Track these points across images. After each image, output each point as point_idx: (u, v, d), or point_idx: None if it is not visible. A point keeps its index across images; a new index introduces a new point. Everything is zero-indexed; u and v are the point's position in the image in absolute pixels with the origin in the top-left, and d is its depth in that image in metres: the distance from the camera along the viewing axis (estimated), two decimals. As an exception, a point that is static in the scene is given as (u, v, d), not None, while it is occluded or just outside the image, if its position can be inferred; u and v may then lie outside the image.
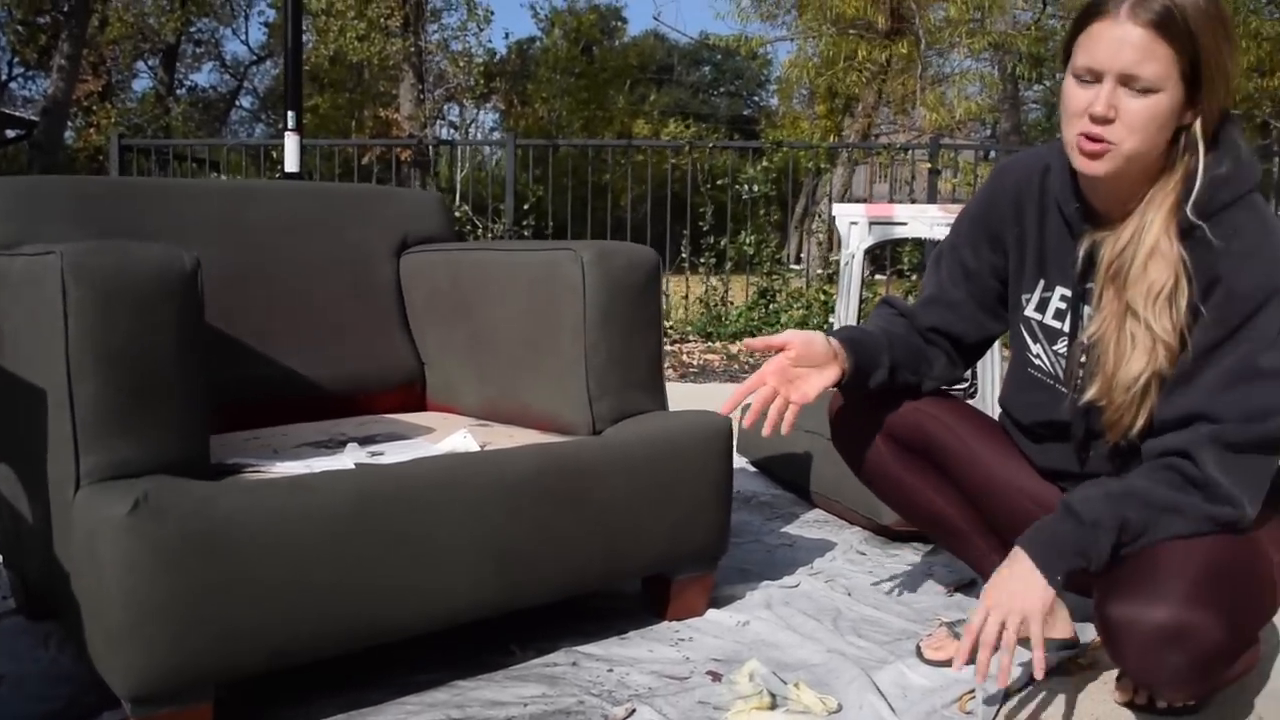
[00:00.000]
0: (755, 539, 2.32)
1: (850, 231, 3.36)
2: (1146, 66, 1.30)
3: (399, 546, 1.43)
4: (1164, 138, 1.36)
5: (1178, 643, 1.26)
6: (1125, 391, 1.41)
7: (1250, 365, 1.34)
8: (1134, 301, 1.39)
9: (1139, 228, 1.39)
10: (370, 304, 2.19)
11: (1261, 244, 1.36)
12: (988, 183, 1.65)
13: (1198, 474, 1.35)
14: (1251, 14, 16.13)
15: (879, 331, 1.62)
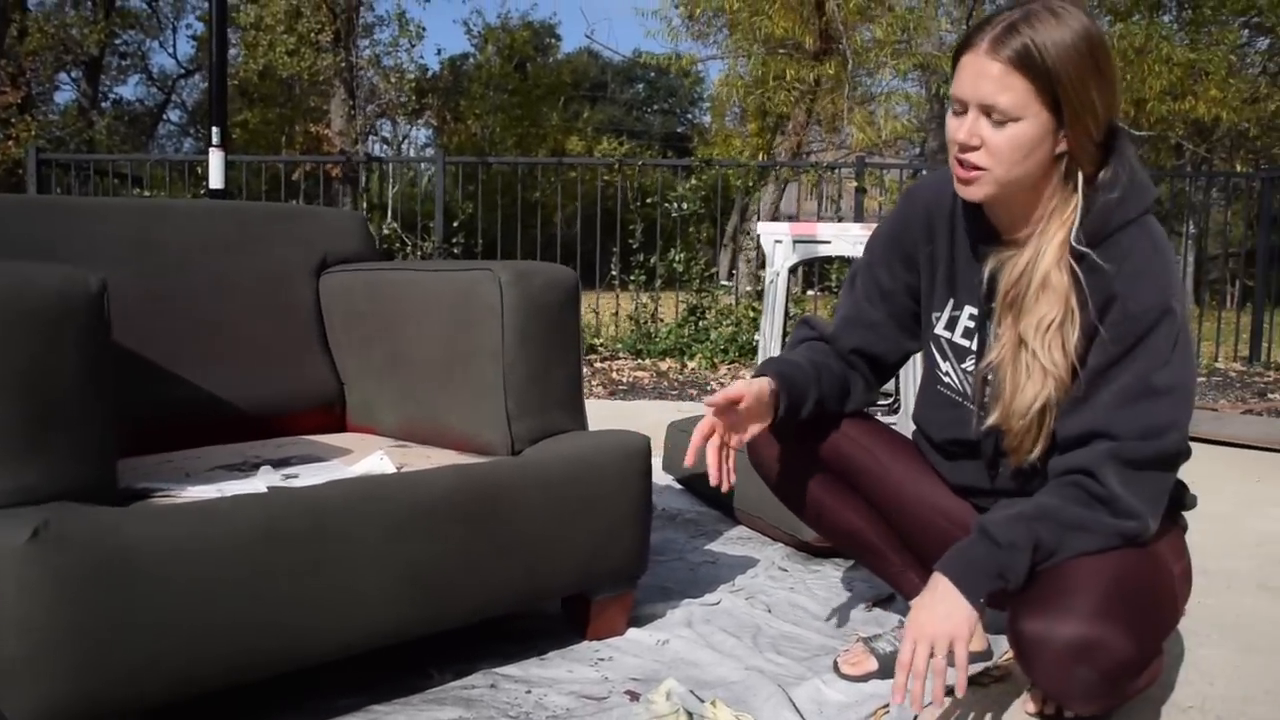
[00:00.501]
0: (678, 556, 2.34)
1: (775, 250, 3.40)
2: (1003, 97, 1.36)
3: (312, 571, 1.42)
4: (1036, 163, 1.40)
5: (1086, 657, 1.29)
6: (1020, 419, 1.46)
7: (1145, 383, 1.39)
8: (1026, 333, 1.44)
9: (1033, 256, 1.44)
10: (289, 324, 2.16)
11: (1152, 265, 1.41)
12: (900, 203, 1.69)
13: (1102, 491, 1.39)
14: (1163, 40, 16.65)
15: (808, 364, 1.63)
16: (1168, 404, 1.40)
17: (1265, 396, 5.78)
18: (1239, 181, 10.45)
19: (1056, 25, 1.35)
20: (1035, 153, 1.39)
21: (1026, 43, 1.34)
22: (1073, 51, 1.35)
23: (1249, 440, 4.22)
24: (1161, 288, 1.40)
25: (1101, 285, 1.41)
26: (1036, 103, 1.36)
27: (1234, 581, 2.36)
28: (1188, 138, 18.69)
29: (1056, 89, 1.35)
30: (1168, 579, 1.48)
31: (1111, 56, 1.40)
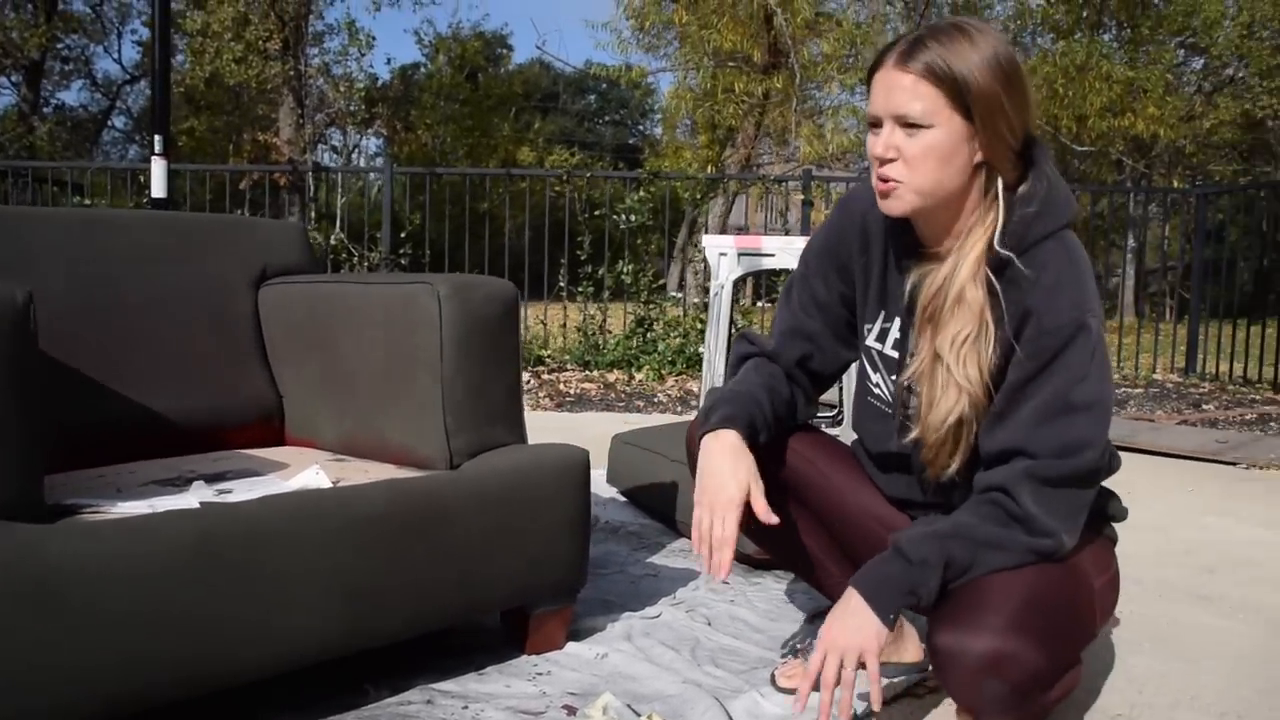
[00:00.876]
0: (620, 570, 2.34)
1: (720, 262, 3.42)
2: (914, 105, 1.39)
3: (244, 588, 1.40)
4: (954, 172, 1.42)
5: (996, 670, 1.31)
6: (936, 431, 1.48)
7: (1062, 400, 1.41)
8: (941, 348, 1.46)
9: (951, 270, 1.46)
10: (227, 337, 2.14)
11: (1068, 279, 1.42)
12: (835, 213, 1.70)
13: (1017, 509, 1.41)
14: (1104, 58, 17.01)
15: (764, 395, 1.63)
16: (1085, 421, 1.42)
17: (1199, 407, 5.91)
18: (1176, 197, 10.68)
19: (963, 39, 1.39)
20: (952, 160, 1.41)
21: (933, 52, 1.38)
22: (980, 60, 1.38)
23: (1183, 451, 4.32)
24: (1077, 303, 1.42)
25: (1017, 299, 1.43)
26: (948, 109, 1.38)
27: (1166, 591, 2.40)
28: (1127, 153, 19.09)
29: (967, 95, 1.38)
30: (1086, 592, 1.50)
31: (1022, 70, 1.42)
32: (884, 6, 17.45)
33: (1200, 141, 20.12)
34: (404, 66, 28.14)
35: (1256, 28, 18.27)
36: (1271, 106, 18.18)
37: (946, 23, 1.43)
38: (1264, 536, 2.96)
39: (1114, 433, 4.75)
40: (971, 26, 1.42)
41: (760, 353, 1.70)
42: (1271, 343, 6.89)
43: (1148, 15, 19.71)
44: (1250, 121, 19.62)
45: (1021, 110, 1.42)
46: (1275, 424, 5.22)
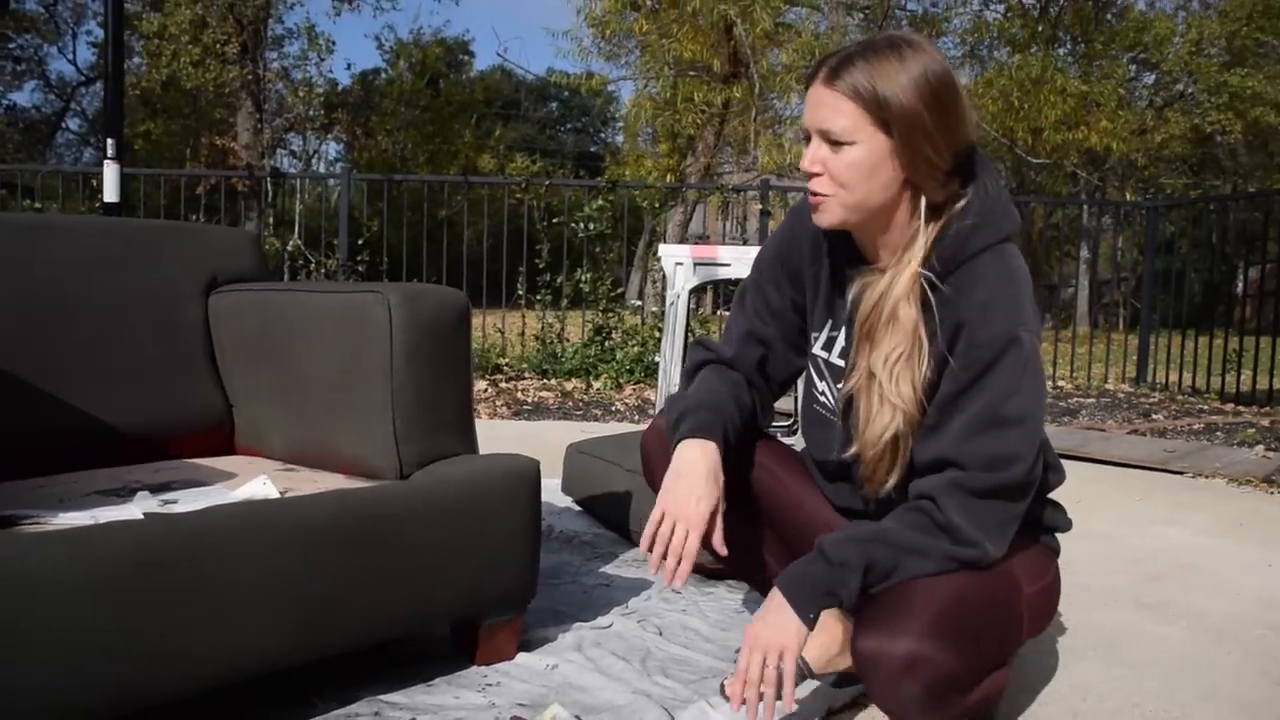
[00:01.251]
0: (572, 580, 2.33)
1: (676, 272, 3.43)
2: (836, 121, 1.42)
3: (188, 600, 1.38)
4: (879, 187, 1.44)
5: (912, 672, 1.34)
6: (872, 448, 1.51)
7: (993, 413, 1.43)
8: (874, 365, 1.48)
9: (887, 286, 1.48)
10: (175, 345, 2.12)
11: (1002, 294, 1.44)
12: (787, 221, 1.71)
13: (941, 518, 1.43)
14: (1059, 72, 17.27)
15: (731, 401, 1.64)
16: (1016, 434, 1.43)
17: (1149, 417, 6.00)
18: (1128, 209, 10.85)
19: (894, 56, 1.41)
20: (875, 176, 1.43)
21: (857, 70, 1.41)
22: (907, 79, 1.40)
23: (1133, 460, 4.38)
24: (1010, 316, 1.43)
25: (951, 313, 1.45)
26: (869, 126, 1.41)
27: (1112, 598, 2.44)
28: (1082, 166, 19.38)
29: (888, 114, 1.40)
30: (1013, 598, 1.51)
31: (954, 89, 1.44)
32: (843, 18, 17.61)
33: (1152, 155, 20.50)
34: (364, 72, 28.02)
35: (1204, 45, 18.67)
36: (1220, 122, 18.55)
37: (882, 38, 1.45)
38: (1208, 545, 3.01)
39: (1066, 442, 4.83)
40: (905, 43, 1.43)
41: (719, 359, 1.70)
42: (1219, 353, 7.02)
43: (1101, 31, 20.06)
44: (1199, 136, 20.03)
45: (950, 129, 1.43)
46: (1221, 433, 5.31)
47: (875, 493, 1.55)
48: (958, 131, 1.44)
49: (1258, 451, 4.68)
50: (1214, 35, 18.77)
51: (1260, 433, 5.23)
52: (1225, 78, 18.29)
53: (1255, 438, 5.08)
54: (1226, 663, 2.04)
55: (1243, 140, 20.34)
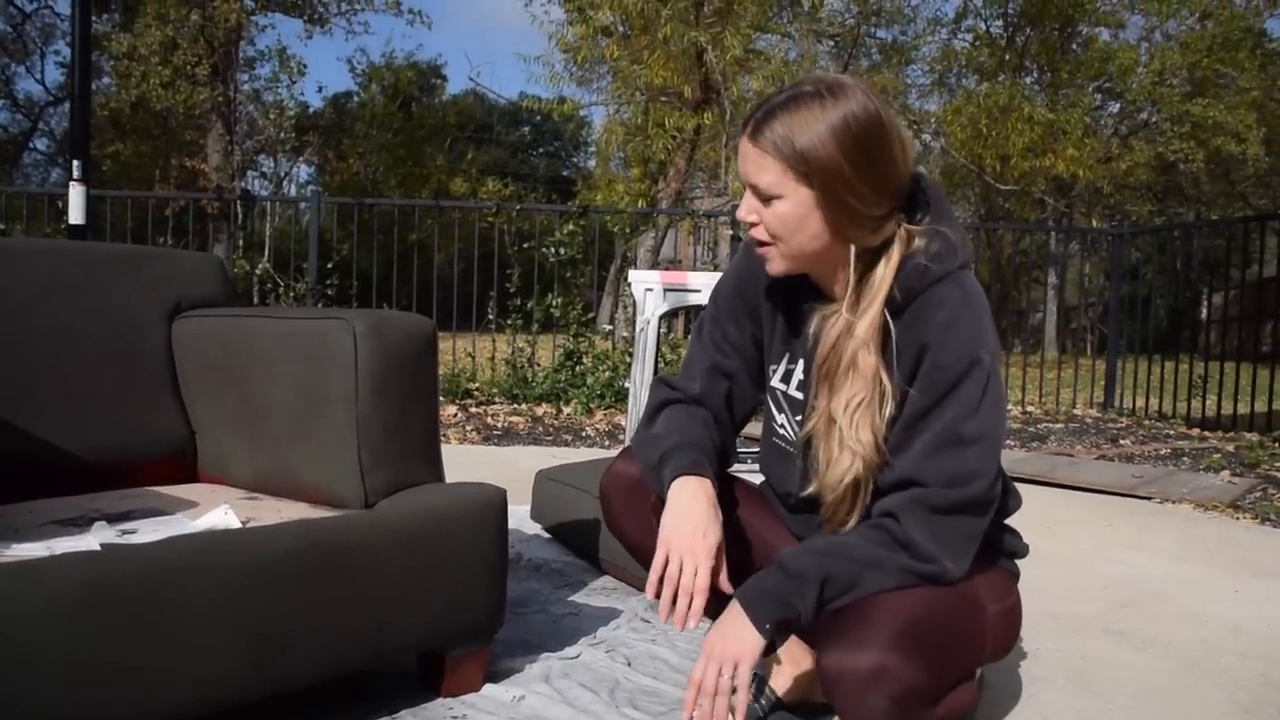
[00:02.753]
0: (541, 608, 2.31)
1: (646, 298, 3.43)
2: (761, 178, 1.44)
3: (145, 635, 1.35)
4: (808, 237, 1.45)
5: (876, 685, 1.33)
6: (833, 490, 1.51)
7: (954, 432, 1.44)
8: (835, 411, 1.49)
9: (844, 331, 1.49)
10: (137, 371, 2.09)
11: (963, 317, 1.46)
12: (742, 255, 1.71)
13: (900, 533, 1.44)
14: (1025, 100, 17.52)
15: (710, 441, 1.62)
16: (975, 453, 1.44)
17: (1117, 442, 6.04)
18: (1095, 236, 10.98)
19: (815, 104, 1.40)
20: (804, 227, 1.45)
21: (778, 124, 1.41)
22: (825, 129, 1.39)
23: (1101, 485, 4.41)
24: (971, 338, 1.45)
25: (913, 338, 1.46)
26: (792, 181, 1.42)
27: (1081, 626, 2.44)
28: (1049, 193, 19.63)
29: (807, 166, 1.40)
30: (975, 615, 1.52)
31: (881, 130, 1.41)
32: (814, 45, 17.77)
33: (1117, 182, 20.80)
34: (336, 95, 28.00)
35: (1167, 75, 19.00)
36: (1182, 150, 18.85)
37: (809, 83, 1.44)
38: (1176, 571, 3.02)
39: (1035, 467, 4.86)
40: (829, 89, 1.41)
41: (685, 398, 1.68)
42: (1185, 378, 7.09)
43: (1067, 60, 20.38)
44: (1163, 164, 20.35)
45: (877, 174, 1.41)
46: (1188, 458, 5.35)
47: (835, 532, 1.55)
48: (887, 175, 1.42)
49: (1223, 477, 4.72)
50: (1176, 66, 19.10)
51: (1225, 458, 5.28)
52: (1187, 107, 18.60)
53: (1220, 463, 5.12)
54: (1194, 691, 2.05)
55: (1205, 169, 20.67)
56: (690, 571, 1.47)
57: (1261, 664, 2.21)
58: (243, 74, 18.55)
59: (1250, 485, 4.48)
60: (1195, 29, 19.95)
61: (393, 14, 18.00)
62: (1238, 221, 8.32)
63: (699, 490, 1.53)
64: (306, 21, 18.12)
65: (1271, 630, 2.45)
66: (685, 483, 1.54)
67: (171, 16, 15.50)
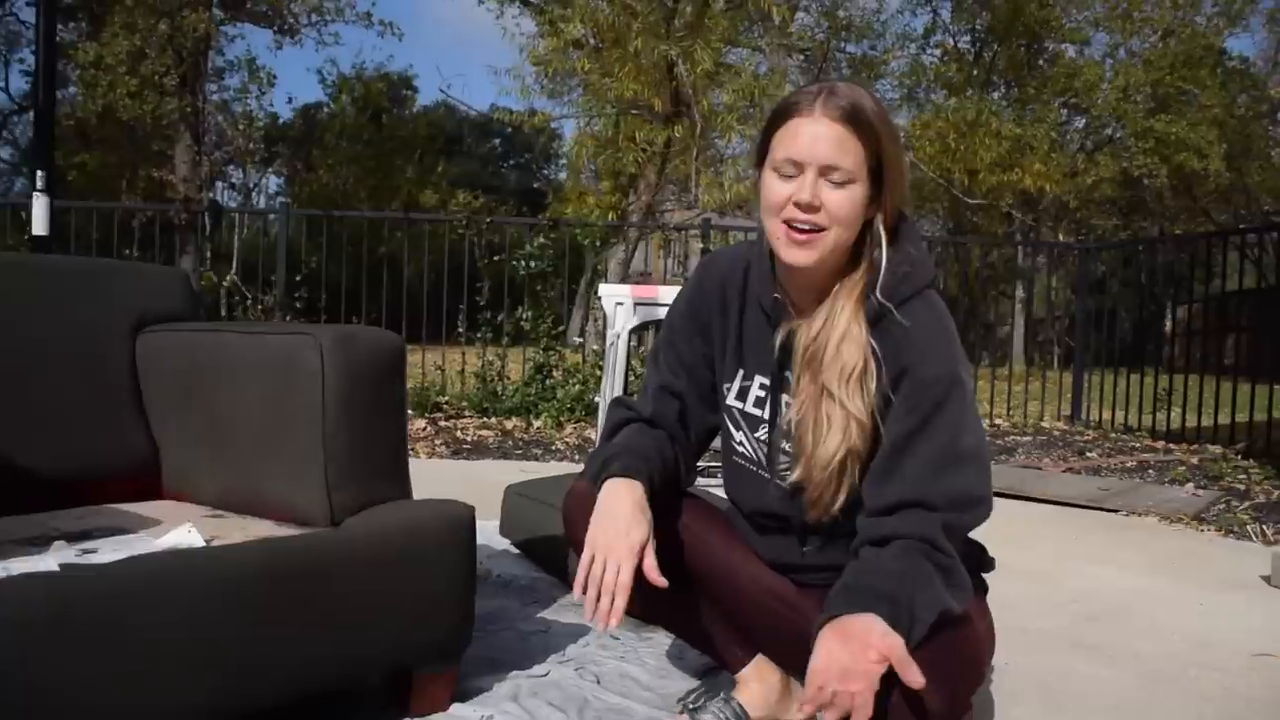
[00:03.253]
0: (509, 626, 2.29)
1: (616, 312, 3.42)
2: (844, 158, 1.42)
3: (105, 656, 1.33)
4: (858, 230, 1.46)
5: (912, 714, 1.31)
6: (824, 469, 1.49)
7: (950, 451, 1.44)
8: (829, 382, 1.48)
9: (830, 314, 1.49)
10: (100, 386, 2.06)
11: (938, 334, 1.47)
12: (695, 277, 1.71)
13: (945, 560, 1.41)
14: (993, 115, 17.71)
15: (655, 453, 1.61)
16: (974, 471, 1.45)
17: (1084, 454, 6.09)
18: (1061, 249, 11.09)
19: (866, 94, 1.45)
20: (861, 217, 1.46)
21: (854, 102, 1.42)
22: (882, 116, 1.44)
23: (1069, 499, 4.44)
24: (949, 357, 1.46)
25: (891, 355, 1.46)
26: (865, 166, 1.43)
27: (1049, 640, 2.45)
28: (1016, 207, 19.83)
29: (881, 153, 1.43)
30: (976, 639, 1.52)
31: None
32: (784, 60, 17.87)
33: (1083, 197, 21.06)
34: (306, 105, 27.87)
35: (1131, 92, 19.31)
36: (1146, 166, 19.13)
37: (848, 83, 1.47)
38: (1143, 585, 3.05)
39: (1005, 480, 4.89)
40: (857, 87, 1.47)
41: (639, 418, 1.67)
42: (1150, 391, 7.16)
43: (1033, 76, 20.66)
44: (1128, 179, 20.64)
45: (903, 167, 1.48)
46: (1153, 471, 5.40)
47: (819, 518, 1.53)
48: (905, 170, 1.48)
49: (1188, 489, 4.77)
50: (1140, 83, 19.41)
51: (1190, 470, 5.33)
52: (1151, 123, 18.90)
53: (1185, 476, 5.17)
54: (1161, 704, 2.06)
55: (1168, 184, 20.98)
56: (613, 570, 1.45)
57: (1226, 676, 2.23)
58: (211, 84, 18.44)
59: (1214, 498, 4.53)
60: (1158, 47, 20.32)
61: (364, 25, 17.94)
62: (1200, 237, 8.44)
63: (625, 491, 1.51)
64: (276, 32, 18.02)
65: (1236, 643, 2.47)
66: (613, 484, 1.53)
67: (139, 26, 15.36)
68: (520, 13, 14.94)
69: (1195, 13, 20.69)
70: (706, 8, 12.89)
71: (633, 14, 12.23)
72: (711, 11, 12.96)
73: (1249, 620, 2.69)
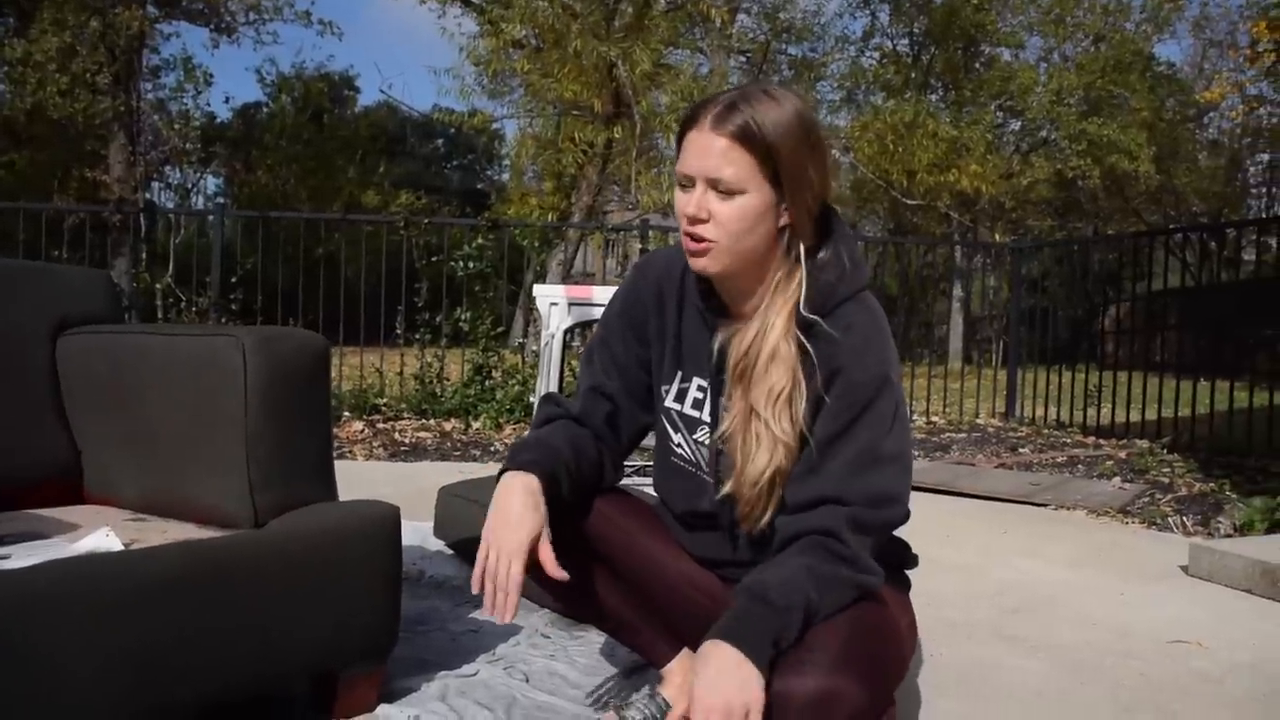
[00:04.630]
0: (440, 626, 2.29)
1: (551, 312, 3.43)
2: (727, 170, 1.43)
3: (15, 664, 1.31)
4: (761, 236, 1.47)
5: (824, 710, 1.32)
6: (752, 487, 1.51)
7: (872, 452, 1.46)
8: (756, 403, 1.49)
9: (761, 329, 1.50)
10: (18, 389, 2.02)
11: (873, 337, 1.49)
12: (631, 277, 1.72)
13: (844, 550, 1.43)
14: (930, 116, 17.96)
15: (568, 447, 1.60)
16: (893, 472, 1.48)
17: (1017, 451, 6.20)
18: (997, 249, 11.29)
19: (773, 105, 1.44)
20: (760, 224, 1.46)
21: (747, 119, 1.42)
22: (790, 128, 1.44)
23: (1000, 494, 4.52)
24: (882, 359, 1.49)
25: (825, 357, 1.48)
26: (759, 176, 1.43)
27: (975, 632, 2.50)
28: (954, 207, 20.12)
29: (777, 162, 1.43)
30: (897, 632, 1.54)
31: (824, 137, 1.49)
32: (725, 61, 17.98)
33: (1019, 198, 21.45)
34: (245, 105, 27.47)
35: (1064, 95, 19.72)
36: (1080, 167, 19.55)
37: (755, 88, 1.48)
38: (1067, 577, 3.11)
39: (939, 477, 4.95)
40: (778, 92, 1.47)
41: (566, 415, 1.69)
42: (1081, 388, 7.31)
43: (970, 79, 20.99)
44: (1062, 180, 21.07)
45: (823, 177, 1.48)
46: (1083, 466, 5.52)
47: (750, 531, 1.55)
48: (826, 179, 1.49)
49: (1115, 483, 4.88)
50: (1072, 86, 19.82)
51: (1117, 465, 5.45)
52: (1084, 126, 19.31)
53: (1113, 470, 5.29)
54: (1081, 693, 2.11)
55: (1101, 185, 21.44)
56: (505, 566, 1.46)
57: (1143, 664, 2.29)
58: (147, 83, 18.09)
59: (1139, 491, 4.64)
60: (1090, 52, 20.77)
61: (303, 24, 17.71)
62: (1132, 237, 8.62)
63: (519, 484, 1.51)
64: (213, 30, 17.75)
65: (1154, 631, 2.54)
66: (507, 478, 1.53)
67: (70, 22, 15.04)
68: (462, 13, 14.87)
69: (1125, 19, 21.19)
70: (647, 9, 12.93)
71: (573, 15, 12.24)
72: (652, 13, 13.01)
73: (1167, 610, 2.76)
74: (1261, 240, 16.14)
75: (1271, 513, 3.73)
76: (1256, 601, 2.87)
